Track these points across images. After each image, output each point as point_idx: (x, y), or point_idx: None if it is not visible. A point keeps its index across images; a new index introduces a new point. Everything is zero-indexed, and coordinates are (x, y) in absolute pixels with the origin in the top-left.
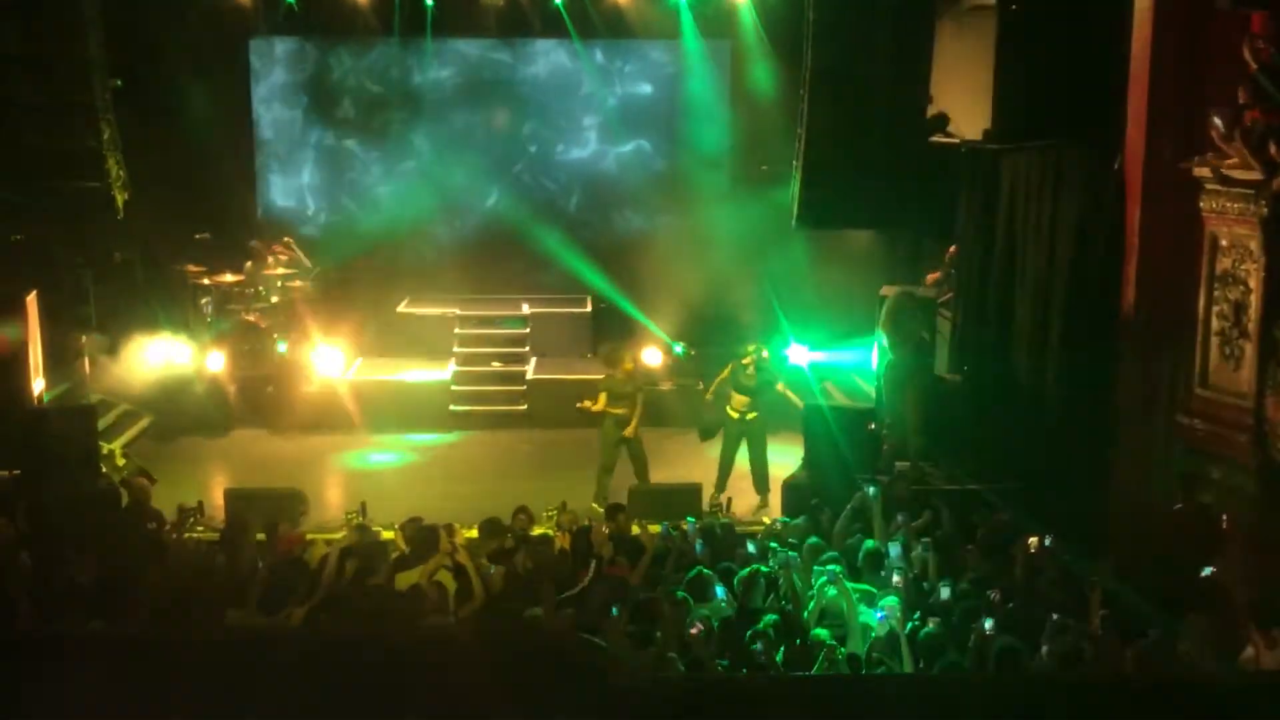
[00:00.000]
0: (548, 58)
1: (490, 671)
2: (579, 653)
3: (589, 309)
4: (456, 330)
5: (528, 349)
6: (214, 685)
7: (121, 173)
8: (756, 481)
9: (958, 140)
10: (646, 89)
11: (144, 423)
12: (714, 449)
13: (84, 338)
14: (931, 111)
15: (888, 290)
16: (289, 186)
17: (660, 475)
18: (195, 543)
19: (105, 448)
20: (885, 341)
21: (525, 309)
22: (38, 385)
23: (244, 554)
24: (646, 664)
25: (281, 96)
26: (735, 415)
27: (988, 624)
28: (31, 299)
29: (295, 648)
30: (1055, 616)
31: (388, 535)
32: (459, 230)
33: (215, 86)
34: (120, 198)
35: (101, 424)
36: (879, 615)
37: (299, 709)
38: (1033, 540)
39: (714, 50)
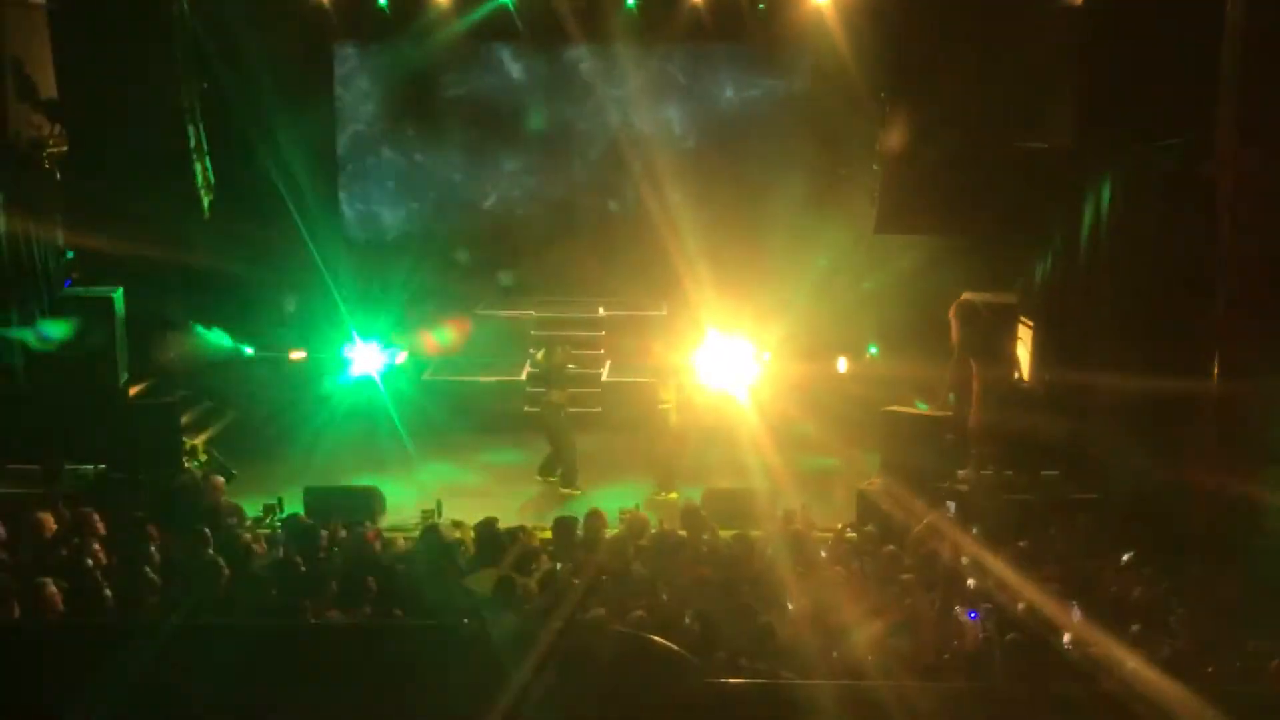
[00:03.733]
0: (631, 63)
1: (550, 670)
2: (645, 654)
3: (664, 312)
4: (533, 332)
5: (602, 351)
6: (285, 674)
7: (208, 175)
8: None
9: (1042, 145)
10: (727, 95)
11: (227, 419)
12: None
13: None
14: (1014, 116)
15: (969, 296)
16: (369, 191)
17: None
18: (273, 538)
19: (188, 443)
20: (953, 347)
21: (601, 312)
22: (123, 380)
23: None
24: (714, 667)
25: (364, 101)
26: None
27: (1066, 636)
28: (118, 296)
29: (366, 641)
30: (1136, 627)
31: (468, 534)
32: (539, 233)
33: (298, 91)
34: (206, 199)
35: (185, 419)
36: (971, 615)
37: (363, 700)
38: (1124, 556)
39: (796, 56)
